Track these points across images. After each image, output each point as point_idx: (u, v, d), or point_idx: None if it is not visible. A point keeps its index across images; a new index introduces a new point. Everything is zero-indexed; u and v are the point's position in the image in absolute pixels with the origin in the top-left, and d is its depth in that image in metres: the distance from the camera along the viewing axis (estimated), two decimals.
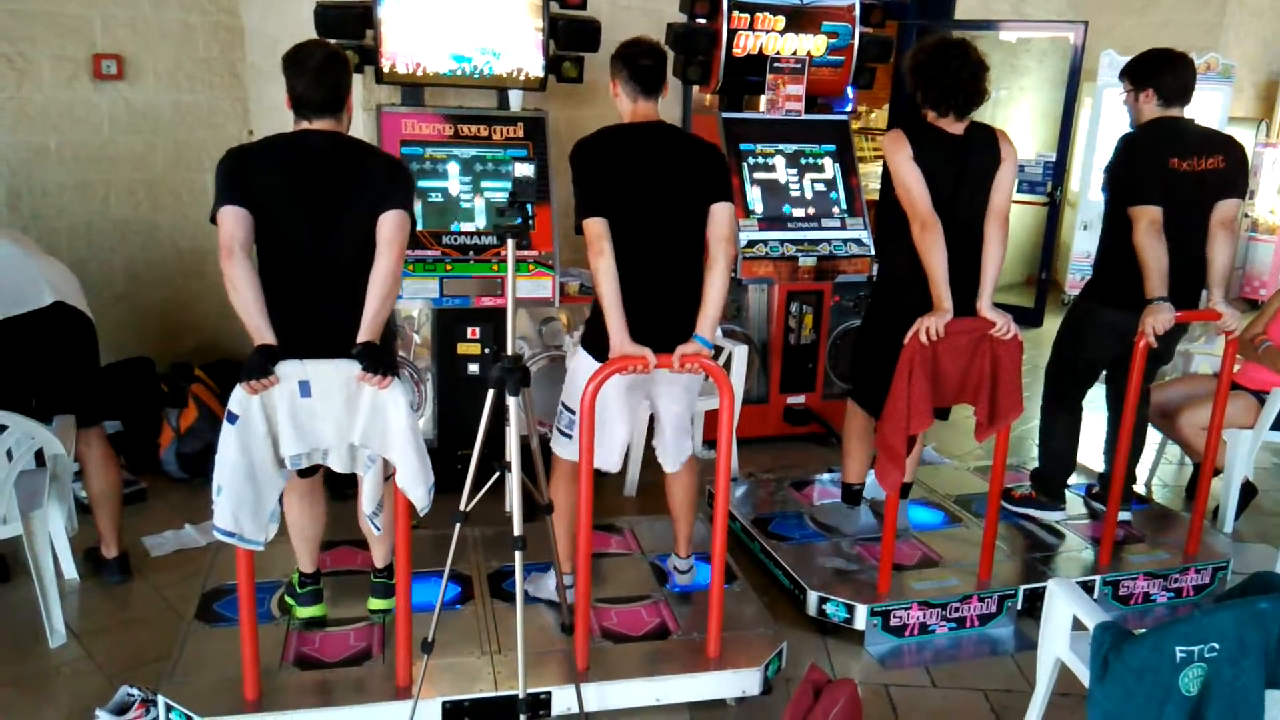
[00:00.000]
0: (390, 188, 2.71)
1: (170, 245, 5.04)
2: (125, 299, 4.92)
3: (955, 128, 3.30)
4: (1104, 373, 3.95)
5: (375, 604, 3.12)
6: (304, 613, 3.06)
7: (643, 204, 2.93)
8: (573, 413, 3.03)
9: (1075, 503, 4.10)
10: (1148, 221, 3.39)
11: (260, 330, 2.50)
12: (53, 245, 4.59)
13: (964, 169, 3.29)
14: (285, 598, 3.13)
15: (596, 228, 2.85)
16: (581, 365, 3.02)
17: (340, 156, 2.72)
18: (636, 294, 2.85)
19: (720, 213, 2.97)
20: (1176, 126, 3.58)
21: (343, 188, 2.67)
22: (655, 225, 2.95)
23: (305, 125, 2.72)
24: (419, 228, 4.00)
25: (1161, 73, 3.58)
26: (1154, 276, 3.38)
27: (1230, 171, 3.56)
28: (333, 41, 3.93)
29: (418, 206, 4.04)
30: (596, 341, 2.94)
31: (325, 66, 2.70)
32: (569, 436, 3.09)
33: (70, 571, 3.55)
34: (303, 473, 2.81)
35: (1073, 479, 4.15)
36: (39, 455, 3.33)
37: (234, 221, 2.56)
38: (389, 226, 2.66)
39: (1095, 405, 4.03)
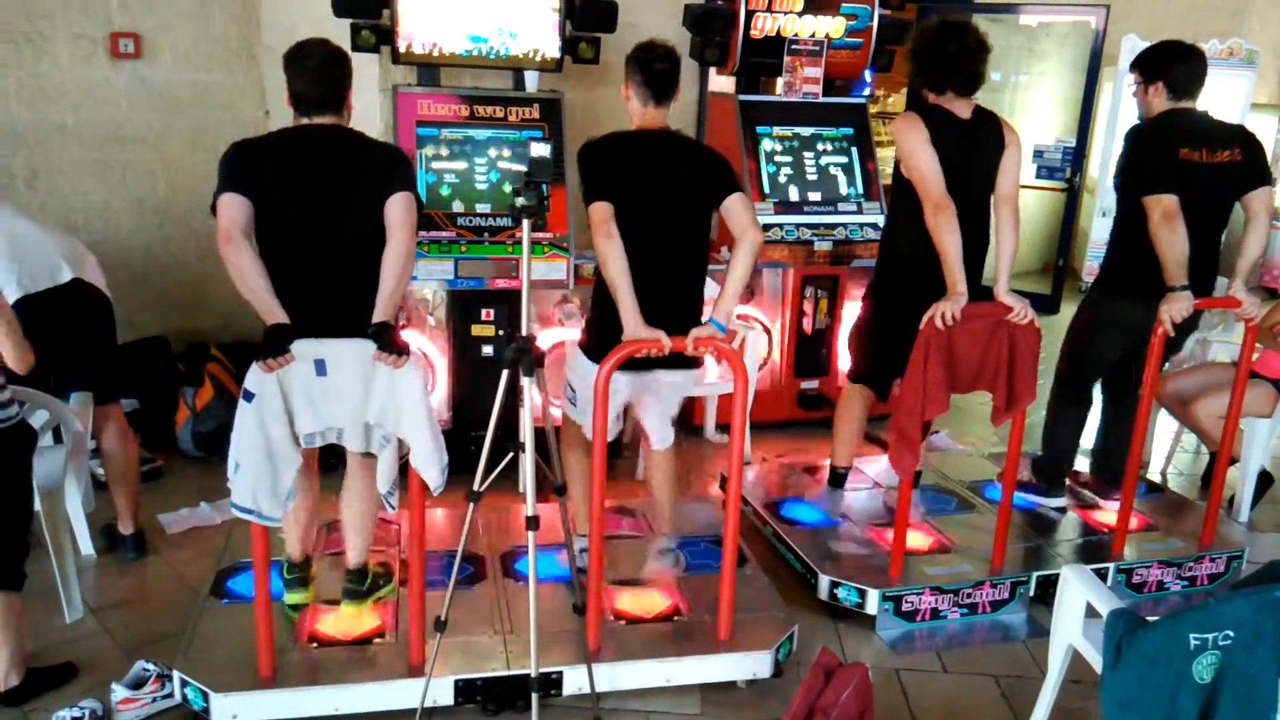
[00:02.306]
0: (392, 173, 2.71)
1: (187, 226, 5.05)
2: (142, 279, 4.94)
3: (963, 111, 3.30)
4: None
5: (346, 608, 3.00)
6: (290, 598, 3.04)
7: (646, 201, 2.93)
8: (575, 391, 3.10)
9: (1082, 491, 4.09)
10: (1161, 211, 3.35)
11: (271, 310, 2.51)
12: (70, 224, 4.62)
13: (974, 152, 3.30)
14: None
15: (603, 210, 2.84)
16: (579, 366, 3.04)
17: (341, 146, 2.73)
18: (640, 287, 2.85)
19: (735, 203, 2.97)
20: (1187, 118, 3.56)
21: (345, 176, 2.68)
22: (658, 222, 2.96)
23: (305, 121, 2.74)
24: (433, 208, 4.02)
25: (1171, 66, 3.56)
26: (1172, 265, 3.36)
27: (1248, 163, 3.54)
28: (350, 21, 3.97)
29: (433, 188, 4.07)
30: (597, 345, 2.94)
31: (325, 66, 2.71)
32: (573, 404, 3.15)
33: (87, 547, 3.59)
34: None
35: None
36: (56, 432, 3.35)
37: (234, 207, 2.56)
38: (398, 208, 2.66)
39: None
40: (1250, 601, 1.99)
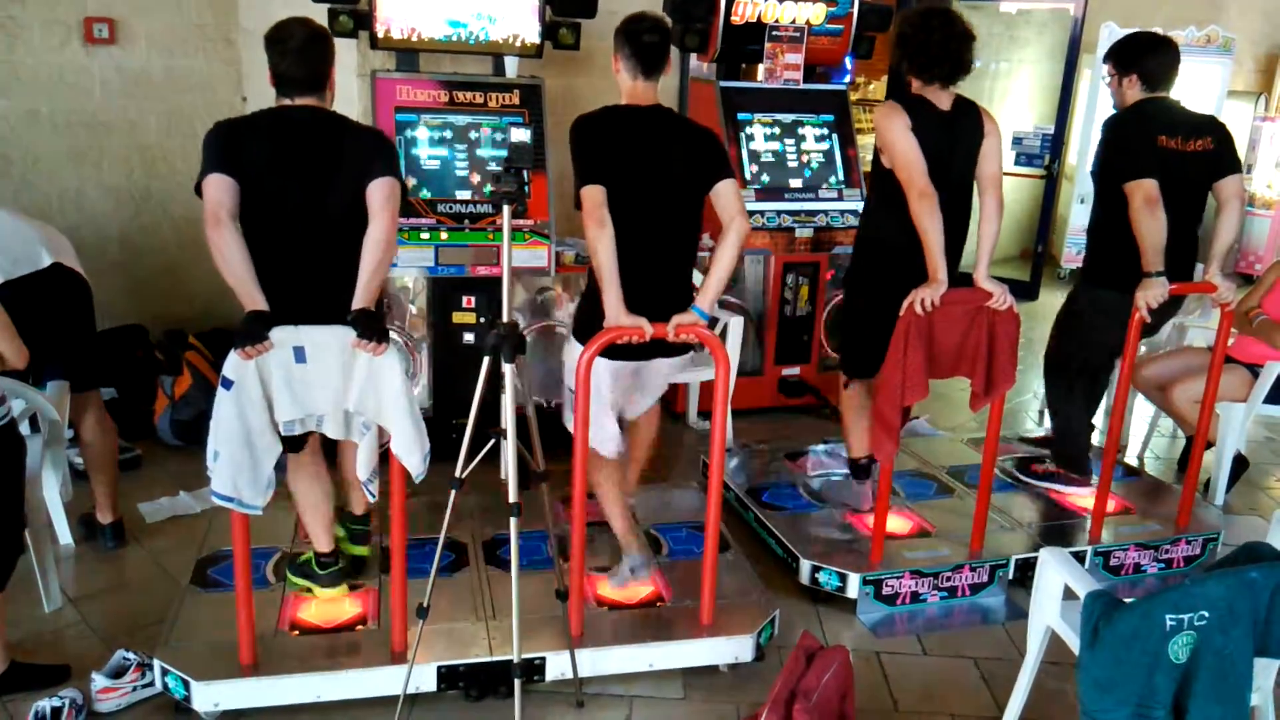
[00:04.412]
0: (375, 156, 2.70)
1: (164, 212, 5.01)
2: (119, 266, 4.90)
3: (943, 102, 3.31)
4: None
5: (352, 549, 3.17)
6: (326, 594, 3.01)
7: (640, 183, 2.91)
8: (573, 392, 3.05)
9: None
10: (1143, 195, 3.38)
11: (252, 296, 2.49)
12: (45, 212, 4.57)
13: (954, 142, 3.31)
14: (292, 575, 3.09)
15: (596, 195, 2.82)
16: (576, 354, 3.03)
17: (323, 128, 2.71)
18: (632, 271, 2.83)
19: (726, 189, 2.96)
20: (1163, 107, 3.61)
21: (328, 159, 2.67)
22: (652, 204, 2.94)
23: (287, 102, 2.72)
24: (412, 195, 4.00)
25: (1145, 58, 3.60)
26: (1150, 251, 3.39)
27: (1219, 152, 3.58)
28: (328, 6, 3.94)
29: (412, 174, 4.05)
30: (587, 330, 2.93)
31: (307, 46, 2.69)
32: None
33: (65, 537, 3.56)
34: (294, 445, 2.80)
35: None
36: (34, 420, 3.32)
37: (220, 189, 2.55)
38: (379, 193, 2.64)
39: None
40: (1225, 583, 2.01)
